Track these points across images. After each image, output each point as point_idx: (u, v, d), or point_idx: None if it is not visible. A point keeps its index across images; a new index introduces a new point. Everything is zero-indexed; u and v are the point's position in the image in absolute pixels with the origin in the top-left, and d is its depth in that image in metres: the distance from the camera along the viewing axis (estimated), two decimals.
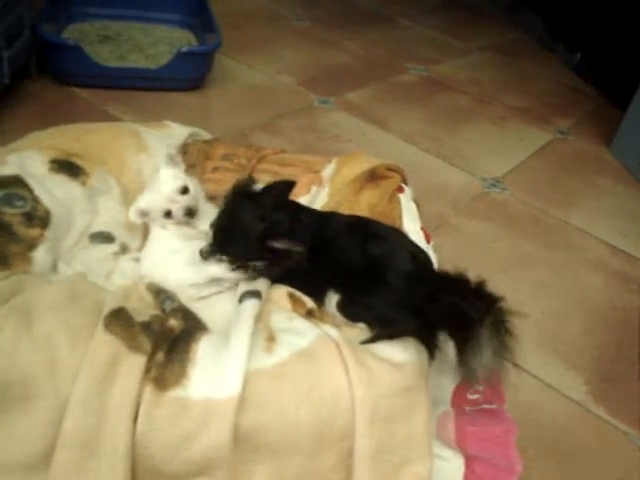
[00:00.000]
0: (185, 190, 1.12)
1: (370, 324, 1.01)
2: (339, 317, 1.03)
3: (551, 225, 1.81)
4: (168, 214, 1.11)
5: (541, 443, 1.15)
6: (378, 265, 1.01)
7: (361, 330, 1.02)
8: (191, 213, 1.12)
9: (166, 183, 1.13)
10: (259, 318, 0.99)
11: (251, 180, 1.09)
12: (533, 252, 1.68)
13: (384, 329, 0.98)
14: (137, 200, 1.14)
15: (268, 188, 1.05)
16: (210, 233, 1.04)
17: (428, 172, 1.95)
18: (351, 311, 1.02)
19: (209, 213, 1.12)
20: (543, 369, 1.31)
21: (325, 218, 1.12)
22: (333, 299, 1.03)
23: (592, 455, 1.16)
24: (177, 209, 1.11)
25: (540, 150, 2.23)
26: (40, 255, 1.07)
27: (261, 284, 1.05)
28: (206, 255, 1.05)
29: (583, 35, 2.99)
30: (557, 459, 1.13)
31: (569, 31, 3.11)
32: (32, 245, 1.07)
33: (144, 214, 1.12)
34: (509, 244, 1.70)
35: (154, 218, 1.13)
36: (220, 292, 1.10)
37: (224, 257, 1.04)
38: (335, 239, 1.06)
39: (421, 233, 1.27)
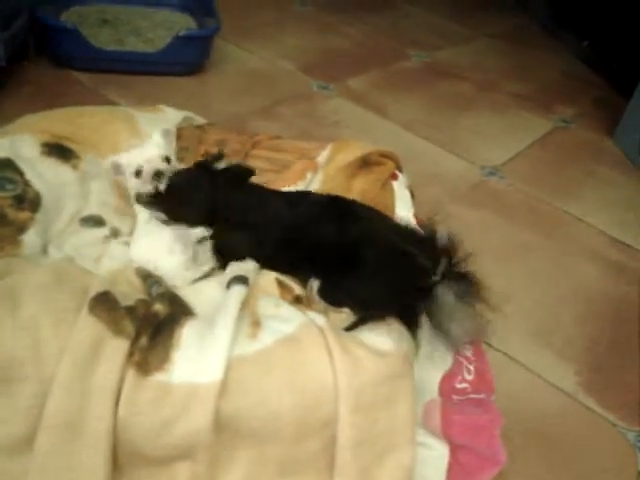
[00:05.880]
0: (168, 160, 1.22)
1: (353, 309, 1.01)
2: (323, 303, 1.03)
3: (549, 214, 1.80)
4: (138, 173, 1.20)
5: (529, 433, 1.15)
6: (356, 246, 1.02)
7: (347, 315, 1.03)
8: (159, 175, 1.19)
9: (154, 147, 1.24)
10: (246, 304, 0.99)
11: (218, 157, 1.18)
12: (529, 241, 1.67)
13: (366, 313, 0.98)
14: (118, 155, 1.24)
15: (226, 170, 1.15)
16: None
17: (426, 159, 1.94)
18: (332, 297, 1.03)
19: None
20: (534, 359, 1.30)
21: (298, 198, 1.16)
22: (314, 285, 1.03)
23: (580, 445, 1.15)
24: (148, 168, 1.19)
25: (541, 139, 2.21)
26: (30, 238, 1.07)
27: (249, 270, 1.05)
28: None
29: (590, 23, 2.96)
30: (544, 449, 1.13)
31: (576, 18, 3.07)
32: (22, 228, 1.07)
33: (117, 169, 1.22)
34: (505, 233, 1.69)
35: (127, 177, 1.22)
36: (210, 276, 1.11)
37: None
38: (310, 222, 1.08)
39: (414, 220, 1.27)
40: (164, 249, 1.10)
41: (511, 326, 1.36)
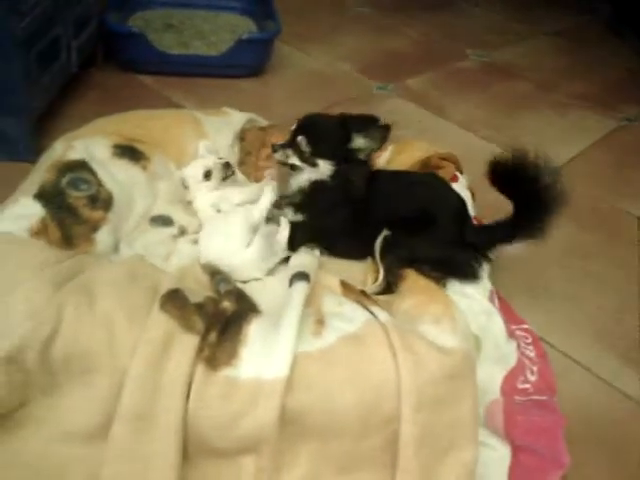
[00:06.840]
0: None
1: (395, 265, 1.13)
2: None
3: (611, 216, 1.77)
4: (208, 175, 1.26)
5: (592, 437, 1.14)
6: (427, 208, 1.18)
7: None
8: (228, 166, 1.29)
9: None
10: (310, 302, 1.01)
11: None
12: (591, 243, 1.64)
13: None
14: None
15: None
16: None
17: (485, 160, 1.92)
18: (390, 249, 1.16)
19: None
20: (598, 363, 1.28)
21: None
22: (382, 236, 1.17)
23: None
24: (216, 164, 1.27)
25: (603, 138, 2.17)
26: (102, 236, 1.12)
27: (310, 265, 1.08)
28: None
29: None
30: (608, 454, 1.11)
31: (638, 16, 2.99)
32: (95, 227, 1.12)
33: (185, 184, 1.28)
34: (567, 235, 1.66)
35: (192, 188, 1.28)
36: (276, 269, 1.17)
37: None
38: (383, 188, 1.22)
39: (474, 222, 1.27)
40: (238, 242, 1.13)
41: (573, 328, 1.35)
